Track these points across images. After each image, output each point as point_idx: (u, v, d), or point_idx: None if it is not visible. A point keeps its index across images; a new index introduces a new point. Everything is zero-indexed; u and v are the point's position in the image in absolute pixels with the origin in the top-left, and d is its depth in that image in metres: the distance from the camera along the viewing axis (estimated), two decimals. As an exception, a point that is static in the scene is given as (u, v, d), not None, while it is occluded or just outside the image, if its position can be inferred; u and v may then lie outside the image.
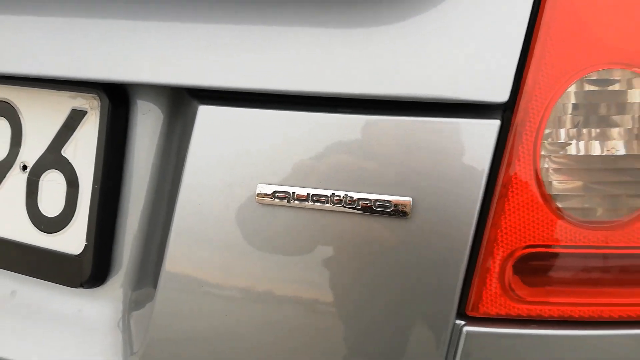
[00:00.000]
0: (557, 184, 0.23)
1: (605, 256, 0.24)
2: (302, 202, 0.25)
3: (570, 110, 0.24)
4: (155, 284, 0.29)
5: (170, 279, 0.28)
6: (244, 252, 0.27)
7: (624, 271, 0.24)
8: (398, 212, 0.24)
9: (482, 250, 0.24)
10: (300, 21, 0.26)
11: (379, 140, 0.24)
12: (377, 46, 0.25)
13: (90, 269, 0.31)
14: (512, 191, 0.23)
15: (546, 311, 0.24)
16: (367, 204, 0.24)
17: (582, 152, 0.23)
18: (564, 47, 0.24)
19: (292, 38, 0.26)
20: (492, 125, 0.24)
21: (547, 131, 0.23)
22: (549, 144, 0.23)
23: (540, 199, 0.23)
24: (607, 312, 0.23)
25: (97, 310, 0.32)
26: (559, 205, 0.23)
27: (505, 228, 0.23)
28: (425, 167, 0.24)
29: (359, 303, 0.25)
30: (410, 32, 0.25)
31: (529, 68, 0.24)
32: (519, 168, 0.23)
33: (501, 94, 0.24)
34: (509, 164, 0.24)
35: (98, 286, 0.32)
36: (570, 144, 0.23)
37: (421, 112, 0.24)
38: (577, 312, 0.24)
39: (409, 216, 0.24)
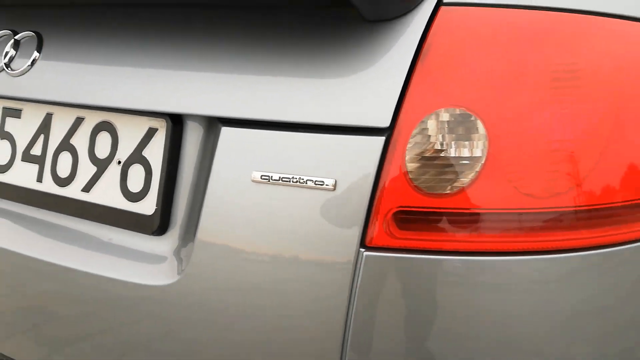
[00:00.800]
0: (414, 172, 0.42)
1: (441, 213, 0.42)
2: (279, 181, 0.45)
3: (424, 132, 0.42)
4: (195, 234, 0.49)
5: (203, 233, 0.49)
6: (246, 222, 0.46)
7: (452, 222, 0.42)
8: (327, 187, 0.43)
9: (373, 209, 0.42)
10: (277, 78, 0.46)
11: (316, 151, 0.44)
12: (315, 90, 0.45)
13: (158, 224, 0.52)
14: (390, 175, 0.42)
15: (410, 244, 0.42)
16: (312, 182, 0.43)
17: (427, 155, 0.42)
18: (426, 92, 0.43)
19: (273, 90, 0.46)
20: (380, 140, 0.42)
21: (410, 144, 0.42)
22: (411, 151, 0.42)
23: (405, 181, 0.42)
24: (444, 245, 0.42)
25: (161, 248, 0.52)
26: (415, 184, 0.42)
27: (387, 196, 0.42)
28: (342, 161, 0.43)
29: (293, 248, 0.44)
30: (337, 83, 0.44)
31: (402, 106, 0.43)
32: (394, 164, 0.42)
33: (385, 122, 0.42)
34: (389, 161, 0.42)
35: (162, 234, 0.53)
36: (422, 151, 0.42)
37: (339, 131, 0.43)
38: (427, 245, 0.42)
39: (334, 190, 0.43)
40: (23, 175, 0.60)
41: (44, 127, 0.59)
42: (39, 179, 0.59)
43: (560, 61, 0.44)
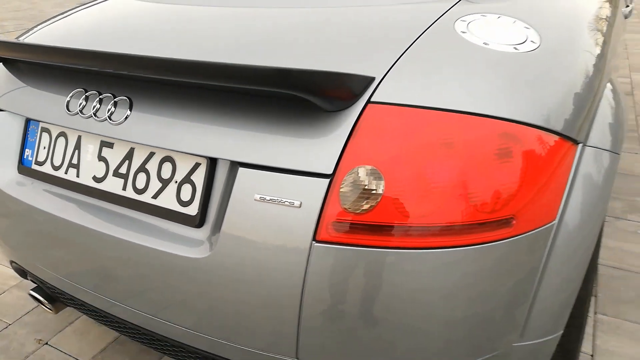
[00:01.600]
0: (343, 199, 0.75)
1: (357, 223, 0.75)
2: (269, 201, 0.78)
3: (351, 177, 0.75)
4: (220, 228, 0.83)
5: (226, 227, 0.82)
6: (250, 223, 0.80)
7: (363, 228, 0.75)
8: (296, 205, 0.76)
9: (321, 218, 0.75)
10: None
11: (291, 184, 0.77)
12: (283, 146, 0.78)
13: (198, 221, 0.86)
14: (331, 200, 0.75)
15: (340, 240, 0.75)
16: (287, 202, 0.77)
17: (351, 190, 0.75)
18: (353, 155, 0.75)
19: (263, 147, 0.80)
20: (326, 180, 0.75)
21: (343, 184, 0.75)
22: (343, 187, 0.75)
23: (338, 204, 0.75)
24: (358, 241, 0.74)
25: (199, 235, 0.86)
26: (344, 206, 0.74)
27: (328, 211, 0.75)
28: (306, 190, 0.76)
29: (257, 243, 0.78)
30: (306, 145, 0.78)
31: (339, 163, 0.75)
32: (334, 194, 0.75)
33: (330, 170, 0.75)
34: (331, 192, 0.75)
35: (200, 227, 0.87)
36: (349, 188, 0.75)
37: (305, 174, 0.77)
38: (349, 241, 0.75)
39: (300, 207, 0.76)
40: (113, 185, 0.95)
41: (129, 156, 0.94)
42: (124, 188, 0.94)
43: (437, 138, 0.76)
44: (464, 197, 0.73)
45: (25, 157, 1.09)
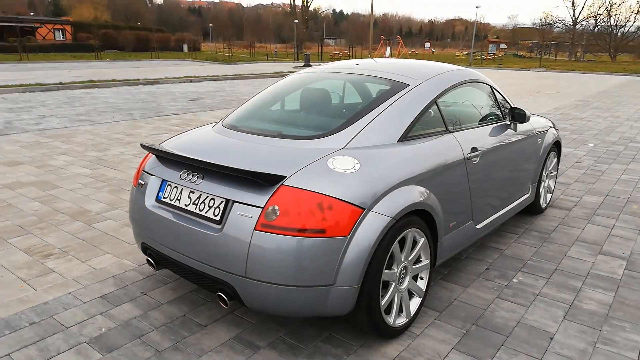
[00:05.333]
0: (265, 216, 2.15)
1: (268, 224, 2.13)
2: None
3: (268, 209, 2.16)
4: (224, 225, 2.25)
5: (227, 225, 2.25)
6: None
7: (268, 225, 2.14)
8: (260, 206, 2.18)
9: (257, 223, 2.16)
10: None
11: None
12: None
13: (219, 221, 2.29)
14: (262, 216, 2.16)
15: (263, 229, 2.14)
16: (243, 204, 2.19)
17: (266, 212, 2.16)
18: (271, 200, 2.16)
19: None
20: (260, 209, 2.17)
21: (266, 211, 2.16)
22: (266, 212, 2.16)
23: (263, 217, 2.15)
24: (268, 230, 2.13)
25: (218, 226, 2.30)
26: (265, 218, 2.14)
27: (260, 220, 2.16)
28: (254, 212, 2.18)
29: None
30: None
31: (267, 202, 2.16)
32: (262, 213, 2.16)
33: (263, 204, 2.17)
34: (262, 212, 2.16)
35: (219, 224, 2.29)
36: (267, 212, 2.16)
37: (252, 206, 2.18)
38: (266, 230, 2.14)
39: (251, 217, 2.17)
40: (192, 207, 2.43)
41: (198, 196, 2.42)
42: (195, 207, 2.41)
43: (308, 200, 2.15)
44: (308, 219, 2.11)
45: (159, 195, 2.62)
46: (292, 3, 47.31)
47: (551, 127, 4.37)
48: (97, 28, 43.71)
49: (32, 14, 60.94)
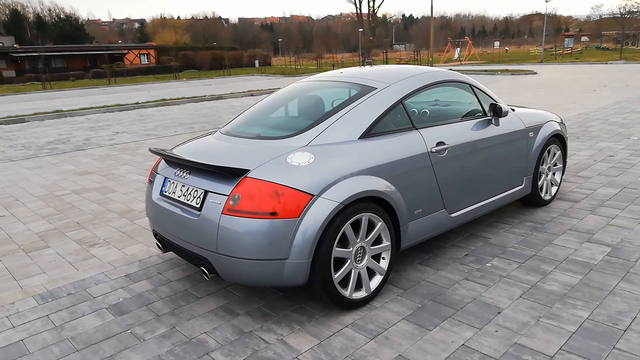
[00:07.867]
0: (230, 202, 2.64)
1: (232, 209, 2.61)
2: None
3: (234, 196, 2.64)
4: (202, 211, 2.77)
5: (204, 210, 2.76)
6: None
7: (237, 210, 2.62)
8: (226, 195, 2.68)
9: (224, 207, 2.64)
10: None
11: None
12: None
13: (199, 208, 2.81)
14: (227, 202, 2.64)
15: (233, 214, 2.63)
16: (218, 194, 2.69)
17: (232, 198, 2.64)
18: (235, 189, 2.65)
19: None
20: (226, 196, 2.67)
21: (231, 197, 2.64)
22: (231, 199, 2.64)
23: (229, 202, 2.64)
24: (239, 215, 2.61)
25: (197, 212, 2.82)
26: (229, 203, 2.63)
27: (226, 205, 2.64)
28: (221, 199, 2.68)
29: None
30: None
31: (232, 191, 2.65)
32: (228, 200, 2.65)
33: (229, 192, 2.66)
34: (228, 198, 2.65)
35: (200, 211, 2.81)
36: (233, 199, 2.64)
37: (220, 194, 2.68)
38: (236, 214, 2.62)
39: (219, 203, 2.67)
40: (182, 197, 2.97)
41: (187, 189, 2.96)
42: (185, 198, 2.95)
43: (266, 189, 2.61)
44: (264, 204, 2.57)
45: (162, 190, 3.20)
46: (359, 12, 47.96)
47: (551, 120, 4.46)
48: (177, 50, 47.20)
49: (120, 41, 66.67)
